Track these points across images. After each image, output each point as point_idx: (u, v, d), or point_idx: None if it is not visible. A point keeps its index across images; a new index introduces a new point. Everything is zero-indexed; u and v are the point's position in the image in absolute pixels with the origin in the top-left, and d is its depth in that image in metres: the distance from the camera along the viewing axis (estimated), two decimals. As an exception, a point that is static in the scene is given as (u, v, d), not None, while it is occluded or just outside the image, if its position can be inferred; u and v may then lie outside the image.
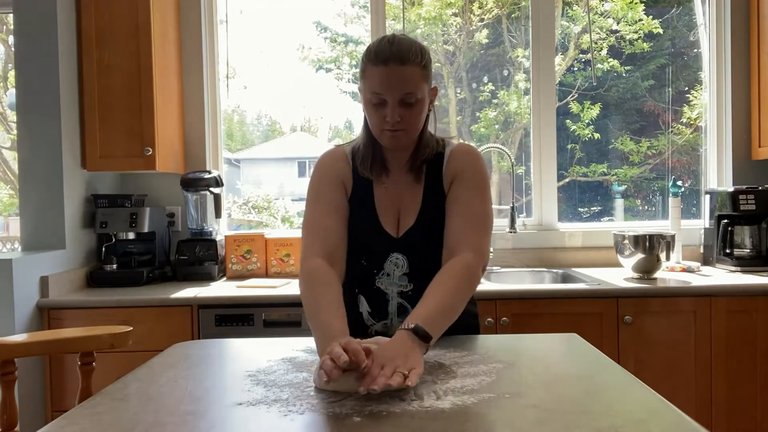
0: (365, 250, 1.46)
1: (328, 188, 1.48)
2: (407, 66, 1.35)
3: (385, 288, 1.46)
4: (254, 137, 3.99)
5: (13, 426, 1.42)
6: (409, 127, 1.40)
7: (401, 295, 1.46)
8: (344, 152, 1.53)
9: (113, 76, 2.64)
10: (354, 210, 1.48)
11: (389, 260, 1.45)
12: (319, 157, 1.54)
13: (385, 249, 1.45)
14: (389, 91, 1.36)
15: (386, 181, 1.49)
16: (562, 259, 2.98)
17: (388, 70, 1.35)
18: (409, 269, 1.44)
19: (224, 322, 2.36)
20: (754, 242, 2.71)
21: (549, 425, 0.92)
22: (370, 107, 1.40)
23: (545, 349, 1.42)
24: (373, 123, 1.41)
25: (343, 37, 3.54)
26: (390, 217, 1.47)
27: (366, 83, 1.39)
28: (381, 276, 1.46)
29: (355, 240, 1.46)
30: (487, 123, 3.31)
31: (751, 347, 2.34)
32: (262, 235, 2.90)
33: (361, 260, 1.46)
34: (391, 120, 1.37)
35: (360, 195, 1.49)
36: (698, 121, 3.21)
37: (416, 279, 1.44)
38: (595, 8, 3.31)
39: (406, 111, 1.37)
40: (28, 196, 2.52)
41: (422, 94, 1.39)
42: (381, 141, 1.44)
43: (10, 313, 2.24)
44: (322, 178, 1.50)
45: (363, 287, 1.48)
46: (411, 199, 1.47)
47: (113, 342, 1.53)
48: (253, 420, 0.97)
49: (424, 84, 1.39)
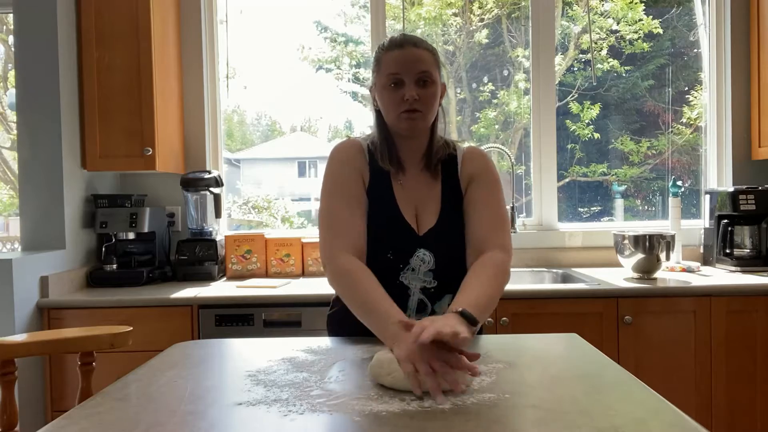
0: (391, 244, 1.46)
1: (347, 179, 1.47)
2: (421, 49, 1.44)
3: (408, 283, 1.46)
4: (254, 137, 3.98)
5: (13, 426, 1.42)
6: (426, 109, 1.43)
7: (423, 291, 1.46)
8: (360, 144, 1.53)
9: (113, 76, 2.64)
10: (374, 204, 1.48)
11: (416, 255, 1.45)
12: (334, 148, 1.54)
13: (411, 244, 1.46)
14: (406, 69, 1.41)
15: (402, 179, 1.50)
16: (562, 259, 2.98)
17: (404, 51, 1.43)
18: (435, 266, 1.45)
19: (224, 322, 2.36)
20: (754, 242, 2.71)
21: (549, 425, 0.92)
22: (387, 92, 1.44)
23: (545, 349, 1.42)
24: (390, 108, 1.44)
25: (343, 37, 3.53)
26: (409, 213, 1.48)
27: (382, 69, 1.45)
28: (406, 271, 1.45)
29: (380, 234, 1.46)
30: (487, 123, 3.31)
31: (751, 347, 2.35)
32: (262, 235, 2.91)
33: (387, 254, 1.45)
34: (410, 98, 1.40)
35: (378, 189, 1.49)
36: (698, 121, 3.21)
37: (440, 276, 1.46)
38: (595, 8, 3.31)
39: (422, 91, 1.42)
40: (28, 196, 2.53)
41: (436, 77, 1.44)
42: (398, 126, 1.46)
43: (10, 313, 2.24)
44: (341, 169, 1.49)
45: (385, 281, 1.44)
46: (429, 198, 1.49)
47: (113, 342, 1.53)
48: (253, 420, 0.97)
49: (436, 70, 1.45)
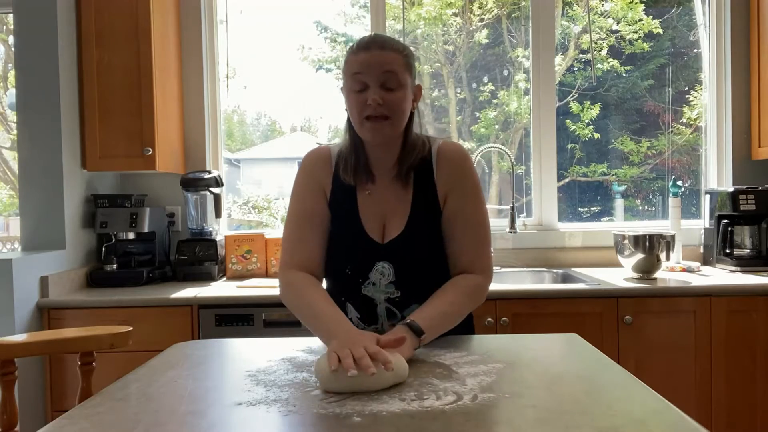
0: (350, 258, 1.42)
1: (307, 194, 1.46)
2: (388, 51, 1.35)
3: (371, 295, 1.42)
4: (254, 137, 3.98)
5: (13, 426, 1.42)
6: (392, 114, 1.35)
7: (389, 301, 1.42)
8: (328, 153, 1.49)
9: (113, 76, 2.64)
10: (336, 216, 1.44)
11: (375, 269, 1.40)
12: (305, 155, 1.51)
13: (370, 257, 1.40)
14: (369, 72, 1.33)
15: (371, 188, 1.44)
16: (562, 259, 2.98)
17: (368, 54, 1.35)
18: (395, 277, 1.40)
19: (224, 322, 2.36)
20: (754, 242, 2.71)
21: (549, 425, 0.92)
22: (352, 96, 1.36)
23: (545, 349, 1.42)
24: (355, 113, 1.37)
25: (343, 37, 3.53)
26: (375, 224, 1.42)
27: (347, 70, 1.38)
28: (367, 285, 1.41)
29: (339, 247, 1.43)
30: (487, 123, 3.31)
31: (751, 347, 2.34)
32: (262, 235, 2.90)
33: (345, 269, 1.42)
34: (373, 103, 1.32)
35: (341, 200, 1.44)
36: (698, 121, 3.21)
37: (403, 286, 1.40)
38: (595, 8, 3.31)
39: (388, 95, 1.34)
40: (28, 196, 2.53)
41: (404, 80, 1.36)
42: (363, 133, 1.38)
43: (10, 313, 2.24)
44: (304, 181, 1.48)
45: (349, 295, 1.44)
46: (398, 206, 1.42)
47: (113, 342, 1.53)
48: (253, 420, 0.97)
49: (406, 73, 1.36)
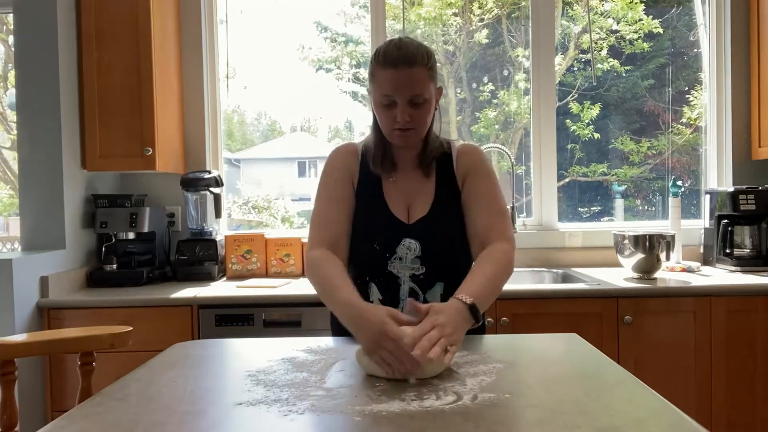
0: (378, 235, 1.50)
1: (333, 180, 1.55)
2: (415, 68, 1.42)
3: (397, 272, 1.49)
4: (254, 137, 3.98)
5: (13, 426, 1.42)
6: (418, 126, 1.47)
7: (413, 279, 1.49)
8: (356, 148, 1.60)
9: (113, 76, 2.64)
10: (362, 202, 1.54)
11: (402, 244, 1.49)
12: (331, 152, 1.62)
13: (397, 234, 1.49)
14: (399, 93, 1.42)
15: (395, 177, 1.55)
16: (562, 259, 2.98)
17: (397, 73, 1.41)
18: (421, 253, 1.48)
19: (224, 322, 2.36)
20: (754, 242, 2.71)
21: (549, 425, 0.92)
22: (381, 108, 1.47)
23: (545, 349, 1.42)
24: (384, 124, 1.48)
25: (343, 37, 3.53)
26: (400, 207, 1.52)
27: (376, 86, 1.46)
28: (393, 260, 1.49)
29: (367, 226, 1.51)
30: (487, 123, 3.31)
31: (751, 347, 2.35)
32: (262, 235, 2.91)
33: (373, 245, 1.50)
34: (402, 120, 1.44)
35: (368, 189, 1.54)
36: (698, 121, 3.21)
37: (428, 262, 1.49)
38: (595, 8, 3.31)
39: (415, 111, 1.44)
40: (28, 196, 2.53)
41: (429, 94, 1.46)
42: (391, 140, 1.51)
43: (10, 313, 2.24)
44: (330, 171, 1.57)
45: (374, 273, 1.51)
46: (422, 192, 1.53)
47: (113, 342, 1.53)
48: (253, 420, 0.97)
49: (430, 85, 1.46)
